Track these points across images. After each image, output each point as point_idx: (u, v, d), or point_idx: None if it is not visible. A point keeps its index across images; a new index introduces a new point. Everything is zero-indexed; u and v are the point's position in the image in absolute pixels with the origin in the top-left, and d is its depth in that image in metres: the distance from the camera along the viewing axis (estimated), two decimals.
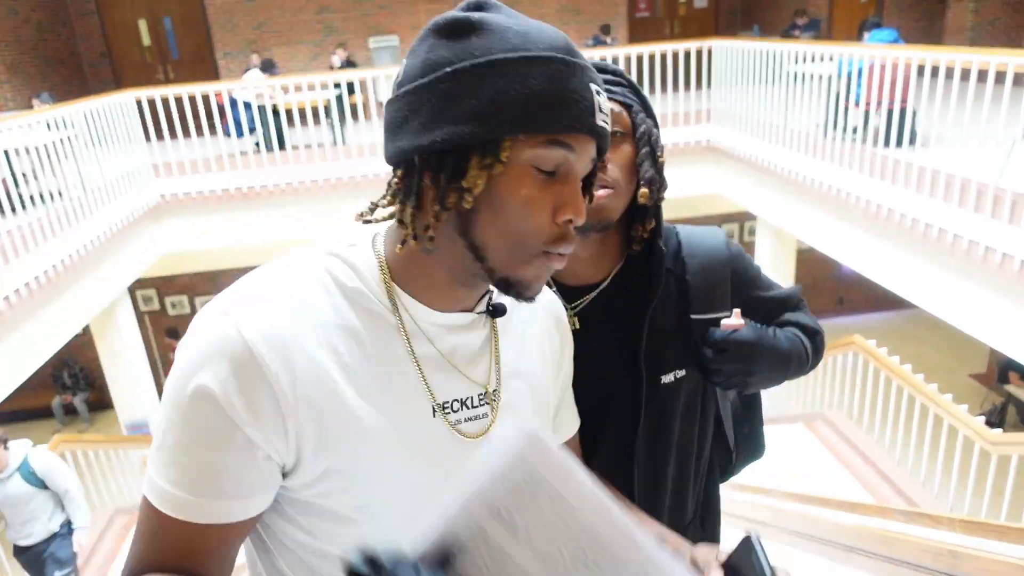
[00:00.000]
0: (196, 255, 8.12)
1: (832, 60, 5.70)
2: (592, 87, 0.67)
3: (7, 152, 5.27)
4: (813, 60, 5.91)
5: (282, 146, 7.31)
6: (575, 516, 0.50)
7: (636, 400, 1.02)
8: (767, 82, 6.41)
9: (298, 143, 7.44)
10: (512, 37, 0.66)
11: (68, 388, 10.16)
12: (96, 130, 6.09)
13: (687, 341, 1.03)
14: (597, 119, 0.67)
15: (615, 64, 1.08)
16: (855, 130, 5.41)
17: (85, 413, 10.07)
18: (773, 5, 11.56)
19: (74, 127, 5.80)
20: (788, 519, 3.87)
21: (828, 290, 11.69)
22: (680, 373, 1.02)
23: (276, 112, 7.31)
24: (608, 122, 0.69)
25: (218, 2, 10.49)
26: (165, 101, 6.82)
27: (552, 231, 0.69)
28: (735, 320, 1.00)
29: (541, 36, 0.67)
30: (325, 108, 7.12)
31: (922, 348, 9.48)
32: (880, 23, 6.31)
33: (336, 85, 7.44)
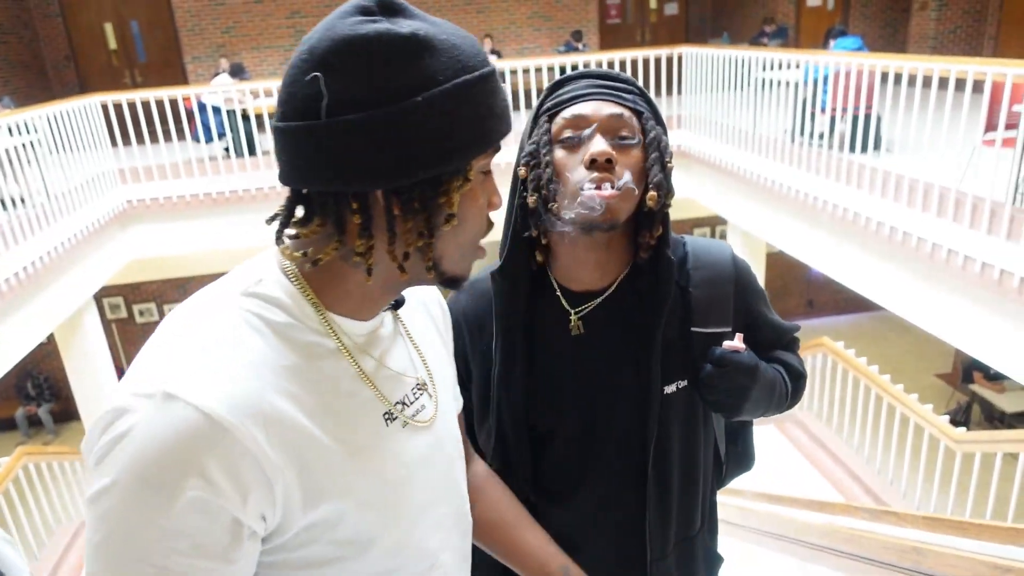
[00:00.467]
0: (164, 262, 7.98)
1: (799, 67, 5.79)
2: None
3: None
4: (781, 67, 6.01)
5: (252, 151, 7.23)
6: None
7: (640, 408, 1.03)
8: (736, 88, 6.49)
9: (268, 148, 7.36)
10: (456, 53, 0.64)
11: (32, 399, 9.91)
12: (60, 135, 5.97)
13: (688, 352, 1.04)
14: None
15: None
16: (821, 136, 5.50)
17: (50, 424, 9.83)
18: (742, 13, 11.73)
19: (37, 132, 5.67)
20: (758, 519, 3.91)
21: (797, 293, 11.86)
22: (682, 383, 1.04)
23: (246, 117, 7.23)
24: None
25: (186, 6, 10.37)
26: (132, 105, 6.71)
27: (488, 224, 0.74)
28: (737, 343, 1.00)
29: (471, 45, 0.67)
30: None
31: (889, 349, 9.66)
32: (846, 31, 6.42)
33: None
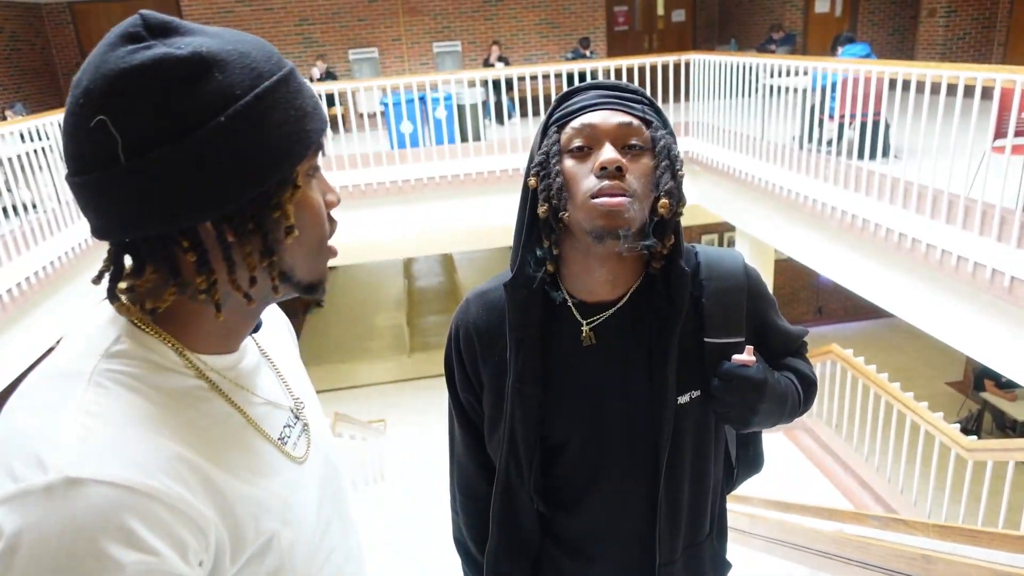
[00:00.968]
0: None
1: (807, 74, 5.78)
2: None
3: None
4: (788, 74, 6.00)
5: None
6: None
7: (654, 418, 1.03)
8: (744, 95, 6.49)
9: None
10: (248, 61, 0.61)
11: None
12: None
13: (701, 362, 1.04)
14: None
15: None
16: (830, 142, 5.49)
17: None
18: (749, 20, 11.74)
19: (49, 138, 5.73)
20: (766, 526, 3.89)
21: (806, 300, 11.83)
22: (695, 393, 1.04)
23: None
24: None
25: (196, 13, 10.45)
26: None
27: (331, 223, 0.71)
28: (747, 356, 1.00)
29: (261, 49, 0.64)
30: None
31: (899, 357, 9.61)
32: (854, 38, 6.41)
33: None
